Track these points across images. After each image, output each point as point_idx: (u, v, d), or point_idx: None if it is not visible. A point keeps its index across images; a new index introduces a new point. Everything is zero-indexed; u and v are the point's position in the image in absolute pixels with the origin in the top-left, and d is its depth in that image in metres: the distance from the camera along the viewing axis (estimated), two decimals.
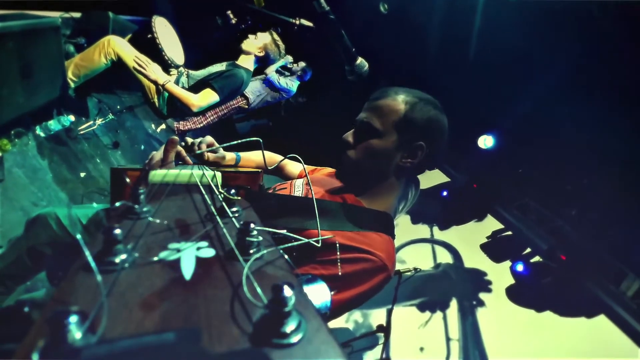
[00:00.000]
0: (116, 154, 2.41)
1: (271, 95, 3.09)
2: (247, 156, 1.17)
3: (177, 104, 2.24)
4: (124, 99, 2.62)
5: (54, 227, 1.10)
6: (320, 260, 0.78)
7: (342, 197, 0.93)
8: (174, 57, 2.28)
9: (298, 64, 3.07)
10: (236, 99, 3.04)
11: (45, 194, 1.77)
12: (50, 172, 1.84)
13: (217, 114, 3.16)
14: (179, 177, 0.67)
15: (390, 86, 0.94)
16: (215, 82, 2.24)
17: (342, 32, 0.89)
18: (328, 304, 0.75)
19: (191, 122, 3.15)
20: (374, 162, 0.91)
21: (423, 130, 0.89)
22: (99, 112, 2.30)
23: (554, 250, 2.63)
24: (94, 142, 2.25)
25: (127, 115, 2.58)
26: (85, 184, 2.06)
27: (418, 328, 3.20)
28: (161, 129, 2.99)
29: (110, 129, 2.41)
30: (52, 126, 1.85)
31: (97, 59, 1.97)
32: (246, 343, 0.27)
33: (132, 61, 2.00)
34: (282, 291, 0.28)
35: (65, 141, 2.02)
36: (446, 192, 3.40)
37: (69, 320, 0.25)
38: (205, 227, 0.47)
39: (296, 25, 0.90)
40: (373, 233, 0.84)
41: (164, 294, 0.32)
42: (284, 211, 0.85)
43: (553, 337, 2.60)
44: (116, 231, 0.36)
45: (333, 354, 0.27)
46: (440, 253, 3.61)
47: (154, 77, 2.04)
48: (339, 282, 0.76)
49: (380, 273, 0.79)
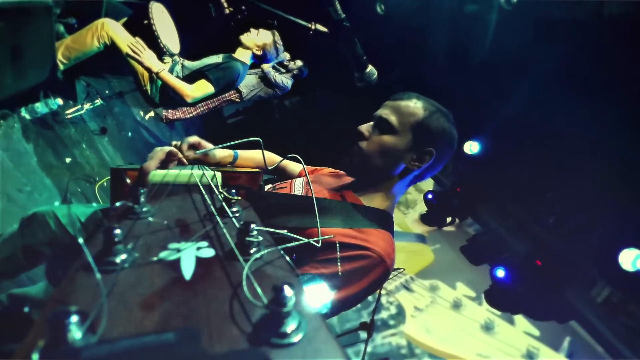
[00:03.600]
0: (103, 140, 2.34)
1: (265, 91, 3.07)
2: (245, 154, 1.16)
3: (170, 93, 2.20)
4: (113, 83, 2.54)
5: (53, 226, 1.07)
6: (320, 259, 0.79)
7: (342, 196, 0.95)
8: (169, 45, 2.23)
9: (295, 62, 3.06)
10: (229, 92, 3.00)
11: (29, 180, 1.71)
12: (35, 157, 1.77)
13: (208, 106, 3.11)
14: (178, 177, 0.67)
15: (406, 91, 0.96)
16: (211, 73, 2.20)
17: (356, 40, 0.90)
18: (328, 304, 0.77)
19: (180, 111, 3.09)
20: (383, 158, 0.93)
21: (436, 139, 0.93)
22: (87, 96, 2.22)
23: (531, 255, 2.74)
24: (81, 127, 2.18)
25: (115, 101, 2.50)
26: (71, 170, 2.00)
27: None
28: (149, 117, 2.92)
29: (98, 114, 2.34)
30: (38, 109, 1.78)
31: (90, 42, 1.90)
32: (246, 343, 0.28)
33: (126, 46, 1.94)
34: (283, 291, 0.28)
35: (52, 125, 1.94)
36: (431, 195, 3.48)
37: (69, 320, 0.25)
38: (205, 227, 0.47)
39: (312, 29, 0.91)
40: (372, 229, 0.85)
41: (164, 294, 0.33)
42: (284, 210, 0.85)
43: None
44: (116, 231, 0.36)
45: (333, 354, 0.28)
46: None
47: (149, 64, 1.99)
48: (338, 280, 0.76)
49: (378, 268, 0.80)
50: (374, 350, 3.11)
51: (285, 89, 3.13)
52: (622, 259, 1.96)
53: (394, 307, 3.47)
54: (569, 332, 2.92)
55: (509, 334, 3.19)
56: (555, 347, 3.04)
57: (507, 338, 3.15)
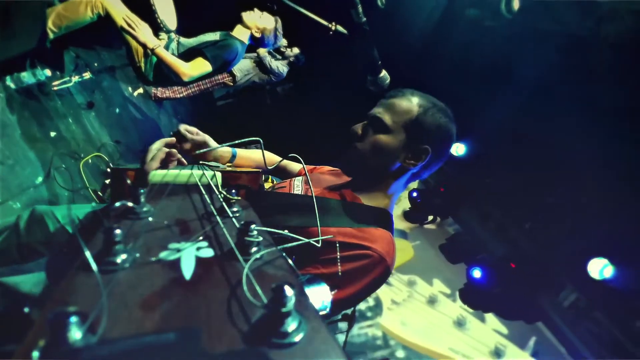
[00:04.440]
0: (90, 115, 2.25)
1: (259, 77, 3.02)
2: (244, 152, 1.15)
3: (165, 71, 2.12)
4: (104, 56, 2.43)
5: (51, 227, 1.06)
6: (320, 258, 0.79)
7: (341, 195, 0.95)
8: (166, 21, 2.15)
9: (292, 49, 3.01)
10: (222, 75, 2.94)
11: (12, 152, 1.63)
12: (19, 129, 1.69)
13: (200, 87, 3.03)
14: (178, 177, 0.66)
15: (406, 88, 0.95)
16: (209, 51, 2.12)
17: (373, 44, 0.90)
18: (329, 304, 0.77)
19: (170, 90, 3.00)
20: (378, 158, 0.92)
21: (431, 136, 0.91)
22: (75, 67, 2.12)
23: (506, 257, 2.85)
24: (68, 100, 2.08)
25: (104, 75, 2.40)
26: (56, 144, 1.92)
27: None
28: (138, 93, 2.82)
29: (86, 87, 2.24)
30: (25, 79, 1.69)
31: (83, 12, 1.81)
32: (246, 343, 0.28)
33: (121, 19, 1.86)
34: (283, 291, 0.28)
35: (37, 96, 1.85)
36: (416, 193, 3.54)
37: (69, 320, 0.25)
38: (205, 227, 0.47)
39: (332, 30, 0.90)
40: (372, 228, 0.85)
41: (164, 294, 0.33)
42: (283, 209, 0.86)
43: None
44: (116, 231, 0.36)
45: (333, 354, 0.28)
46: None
47: (144, 39, 1.91)
48: (338, 280, 0.77)
49: (378, 267, 0.80)
50: (351, 340, 3.19)
51: (281, 75, 3.09)
52: (591, 268, 2.08)
53: (372, 300, 3.56)
54: (535, 333, 3.09)
55: (479, 331, 3.34)
56: (522, 345, 3.22)
57: (477, 335, 3.31)
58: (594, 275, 2.07)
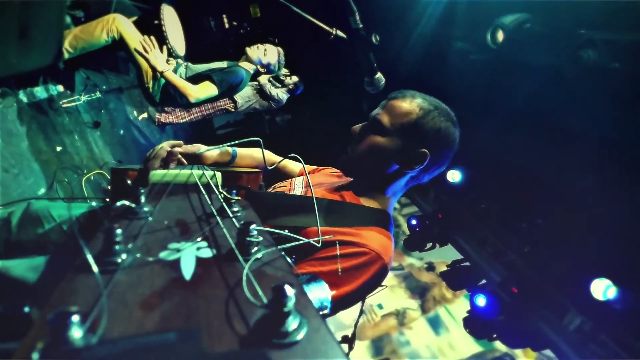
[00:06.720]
0: (95, 133, 2.30)
1: (260, 103, 3.12)
2: (244, 152, 1.16)
3: (172, 93, 2.21)
4: (111, 80, 2.53)
5: (46, 226, 1.02)
6: (318, 257, 0.78)
7: (341, 195, 0.94)
8: (176, 47, 2.27)
9: (291, 78, 3.14)
10: (224, 100, 3.04)
11: (17, 161, 1.65)
12: (26, 140, 1.72)
13: (202, 112, 3.11)
14: (178, 177, 0.66)
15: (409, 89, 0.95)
16: (216, 75, 2.23)
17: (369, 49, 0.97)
18: (328, 303, 0.76)
19: (174, 115, 3.08)
20: (373, 159, 0.91)
21: (430, 139, 0.88)
22: (84, 88, 2.20)
23: (507, 282, 2.81)
24: (75, 118, 2.14)
25: (111, 96, 2.49)
26: (60, 158, 1.94)
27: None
28: (143, 117, 2.90)
29: (94, 107, 2.31)
30: (37, 93, 1.75)
31: (98, 34, 1.92)
32: (246, 343, 0.28)
33: (135, 42, 1.97)
34: (283, 291, 0.28)
35: (47, 111, 1.90)
36: (415, 220, 3.55)
37: (69, 320, 0.25)
38: (205, 227, 0.47)
39: (332, 34, 0.97)
40: (370, 228, 0.85)
41: (164, 294, 0.33)
42: (283, 210, 0.85)
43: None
44: (116, 231, 0.36)
45: (333, 353, 0.28)
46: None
47: (154, 62, 2.00)
48: (336, 278, 0.75)
49: (375, 265, 0.78)
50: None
51: (280, 102, 3.19)
52: (594, 289, 2.05)
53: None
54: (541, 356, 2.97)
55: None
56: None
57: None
58: (597, 297, 2.03)
